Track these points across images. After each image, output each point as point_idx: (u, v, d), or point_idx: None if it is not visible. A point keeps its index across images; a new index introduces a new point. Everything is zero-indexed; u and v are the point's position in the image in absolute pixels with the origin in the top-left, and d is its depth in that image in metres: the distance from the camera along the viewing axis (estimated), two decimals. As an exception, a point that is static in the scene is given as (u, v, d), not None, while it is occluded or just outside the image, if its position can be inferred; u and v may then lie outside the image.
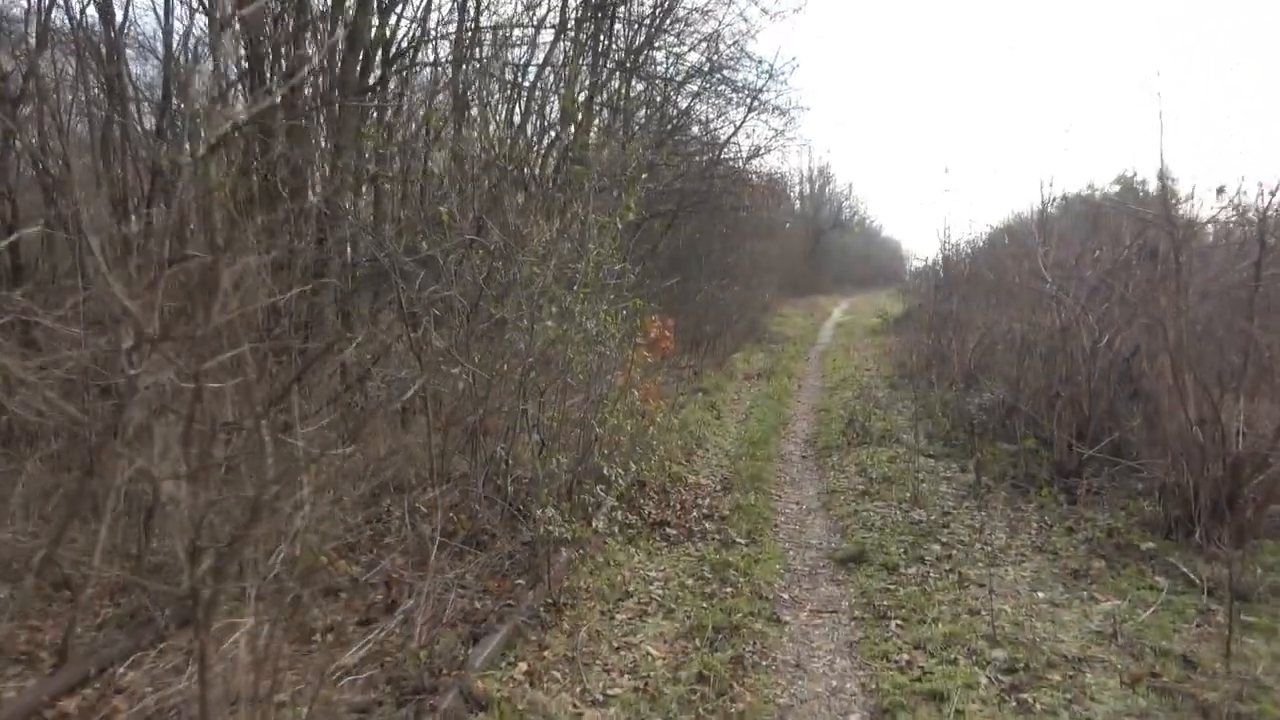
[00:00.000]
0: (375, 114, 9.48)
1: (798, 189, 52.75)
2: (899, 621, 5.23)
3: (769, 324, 26.85)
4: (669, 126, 21.99)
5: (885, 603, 5.51)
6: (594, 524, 6.42)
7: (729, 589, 5.81)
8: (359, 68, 8.77)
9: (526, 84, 13.64)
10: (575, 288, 6.85)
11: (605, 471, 6.93)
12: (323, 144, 8.42)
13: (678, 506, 7.84)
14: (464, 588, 5.65)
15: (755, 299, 27.48)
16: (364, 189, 9.17)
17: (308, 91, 8.54)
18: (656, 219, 22.92)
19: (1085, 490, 7.63)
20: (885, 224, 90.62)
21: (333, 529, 5.70)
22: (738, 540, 6.88)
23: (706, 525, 7.32)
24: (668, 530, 7.14)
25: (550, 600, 5.27)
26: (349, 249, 7.67)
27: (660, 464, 8.68)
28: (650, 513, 7.48)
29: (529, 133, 15.73)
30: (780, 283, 34.60)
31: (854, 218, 63.97)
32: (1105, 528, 6.72)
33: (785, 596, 5.84)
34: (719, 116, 22.18)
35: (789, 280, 39.46)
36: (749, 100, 21.63)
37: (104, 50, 7.51)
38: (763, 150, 22.61)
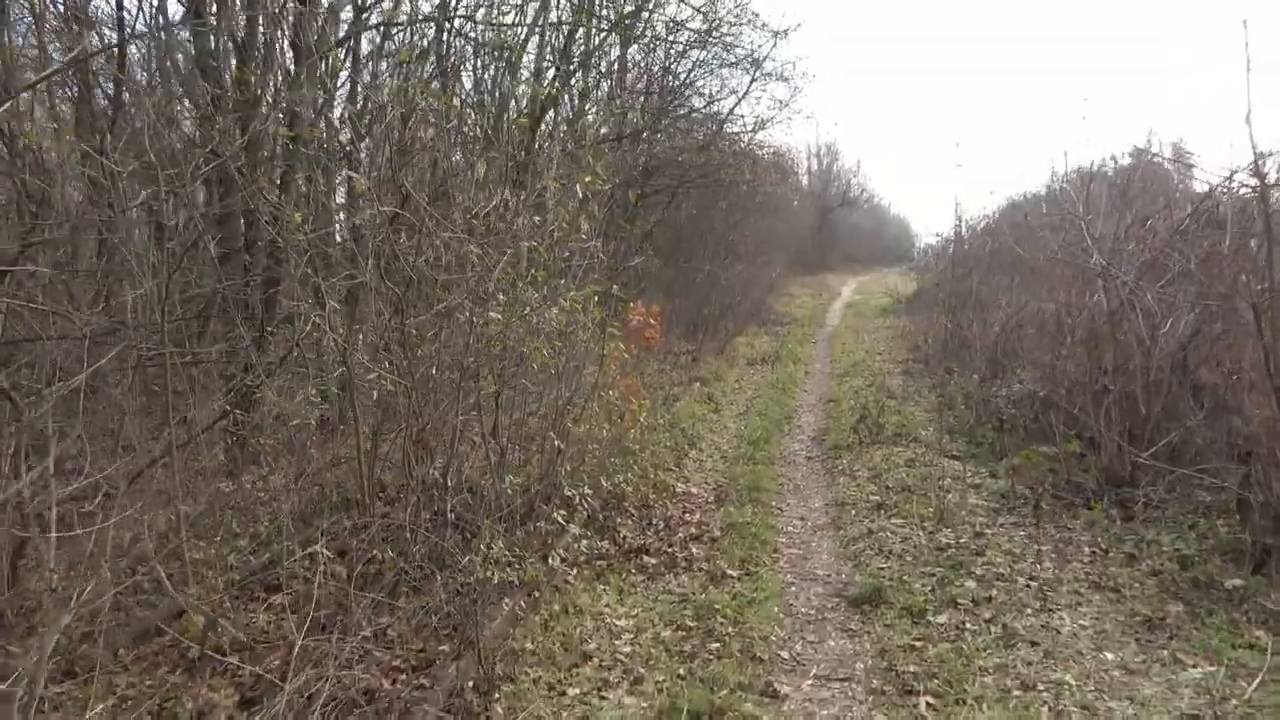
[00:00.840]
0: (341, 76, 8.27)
1: (805, 165, 51.24)
2: (930, 699, 4.00)
3: (775, 304, 25.56)
4: (669, 97, 20.71)
5: (911, 668, 4.28)
6: (551, 560, 5.22)
7: (715, 645, 4.60)
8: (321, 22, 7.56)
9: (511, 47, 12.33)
10: (532, 269, 5.64)
11: (568, 492, 5.72)
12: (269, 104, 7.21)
13: (660, 525, 6.63)
14: (388, 647, 4.49)
15: (761, 278, 26.17)
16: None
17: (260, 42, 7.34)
18: (655, 195, 21.71)
19: (1142, 504, 6.40)
20: (894, 201, 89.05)
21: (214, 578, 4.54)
22: (729, 572, 5.66)
23: (694, 550, 6.11)
24: (646, 559, 5.94)
25: (482, 674, 4.08)
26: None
27: (644, 472, 7.49)
28: (626, 537, 6.27)
29: (513, 100, 14.48)
30: (788, 261, 33.28)
31: (862, 195, 62.34)
32: (1174, 555, 5.47)
33: (784, 655, 4.62)
34: (721, 87, 20.86)
35: (797, 258, 38.12)
36: (752, 68, 20.34)
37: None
38: (767, 121, 21.30)
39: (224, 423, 5.15)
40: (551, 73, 12.26)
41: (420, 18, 9.93)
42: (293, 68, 7.67)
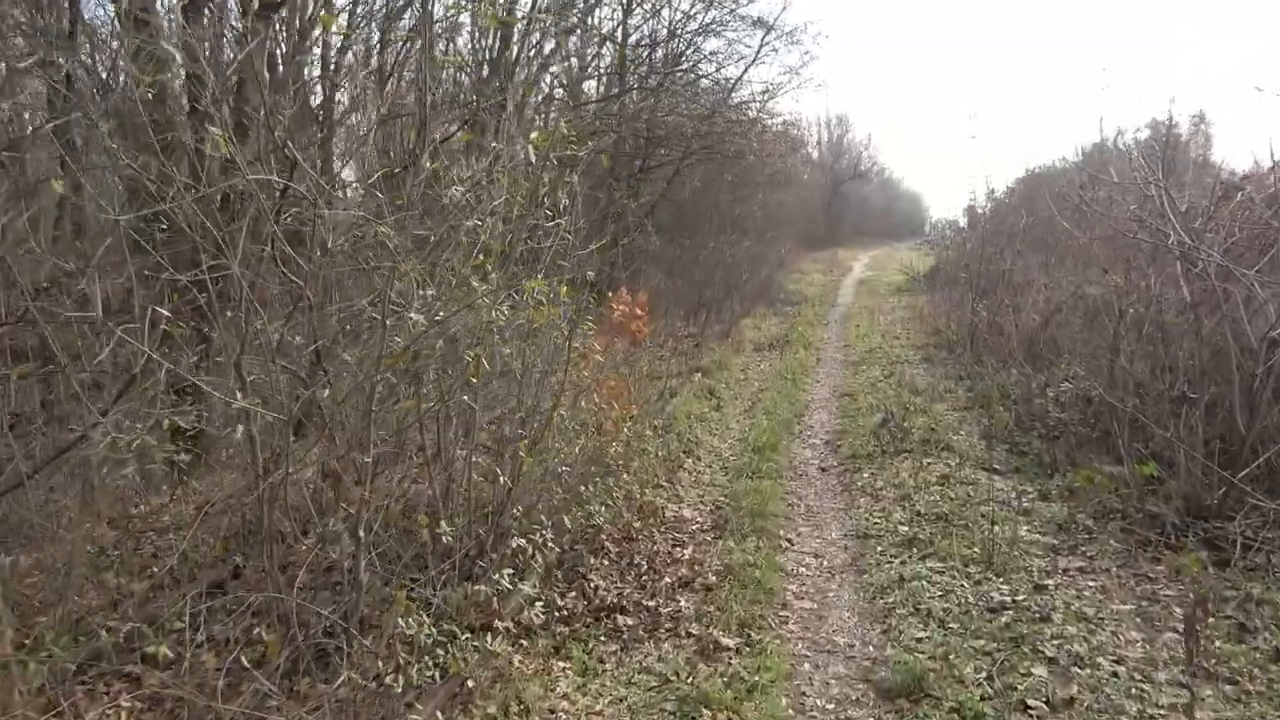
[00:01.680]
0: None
1: (815, 137, 49.61)
2: None
3: (784, 282, 24.17)
4: (673, 60, 19.30)
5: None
6: (492, 639, 3.96)
7: (702, 768, 3.36)
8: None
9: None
10: (479, 256, 4.37)
11: (518, 541, 4.44)
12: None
13: (643, 567, 5.35)
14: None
15: (770, 255, 24.77)
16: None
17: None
18: (658, 168, 20.34)
19: (1239, 544, 5.09)
20: (905, 175, 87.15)
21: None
22: (725, 642, 4.39)
23: (681, 603, 4.84)
24: (621, 620, 4.68)
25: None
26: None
27: (627, 494, 6.22)
28: (598, 587, 5.00)
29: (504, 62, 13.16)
30: (797, 236, 31.86)
31: (873, 168, 60.53)
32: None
33: (796, 788, 3.37)
34: (728, 48, 19.42)
35: (807, 233, 36.67)
36: (762, 31, 18.90)
37: None
38: (777, 89, 19.89)
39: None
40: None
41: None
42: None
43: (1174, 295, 6.30)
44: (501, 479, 4.37)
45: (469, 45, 13.17)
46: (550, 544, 4.75)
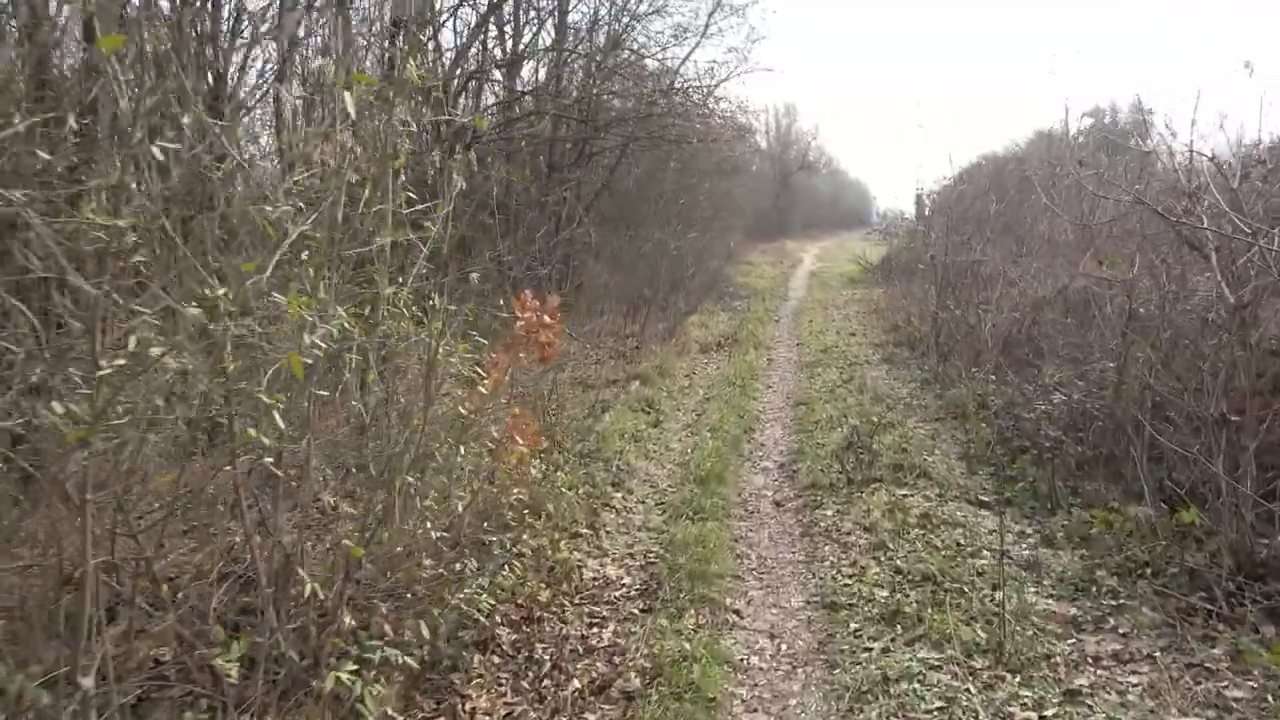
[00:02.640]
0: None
1: (764, 126, 48.50)
2: None
3: (733, 275, 22.93)
4: (617, 43, 17.91)
5: None
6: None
7: None
8: None
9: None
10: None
11: (342, 676, 3.03)
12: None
13: (546, 665, 3.99)
14: None
15: (718, 247, 23.52)
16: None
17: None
18: (599, 155, 18.98)
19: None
20: (851, 165, 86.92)
21: None
22: (646, 802, 3.04)
23: (592, 726, 3.50)
24: (501, 764, 3.31)
25: None
26: None
27: (536, 553, 4.85)
28: (476, 710, 3.62)
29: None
30: (747, 227, 30.71)
31: (822, 158, 59.72)
32: None
33: None
34: (673, 29, 18.10)
35: (756, 225, 35.53)
36: (709, 4, 17.63)
37: None
38: (723, 67, 18.62)
39: None
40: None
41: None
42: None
43: (1204, 291, 5.09)
44: (308, 582, 2.94)
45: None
46: (410, 649, 3.37)
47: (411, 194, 3.74)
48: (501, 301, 5.68)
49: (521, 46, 17.11)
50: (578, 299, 17.48)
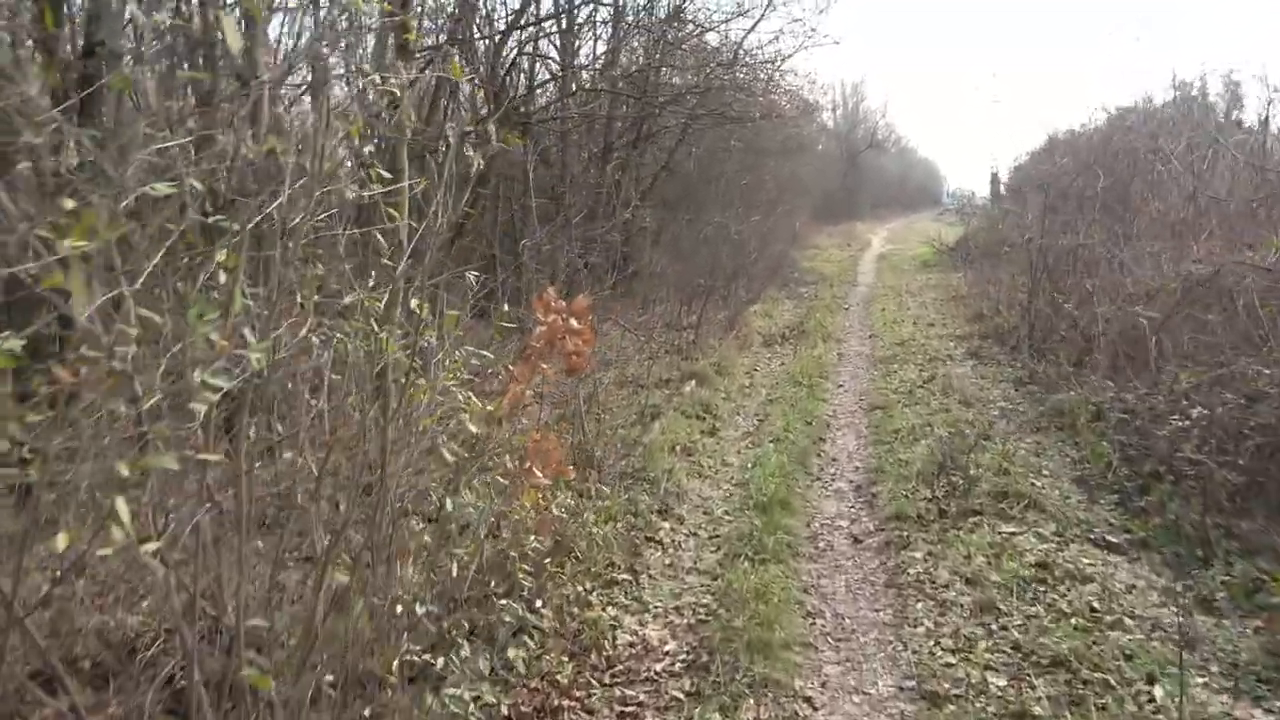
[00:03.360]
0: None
1: (830, 104, 46.74)
2: None
3: (799, 260, 21.67)
4: (677, 16, 16.80)
5: None
6: None
7: None
8: None
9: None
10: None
11: None
12: None
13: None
14: None
15: (782, 230, 22.27)
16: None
17: None
18: (660, 134, 17.96)
19: None
20: (920, 144, 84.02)
21: None
22: None
23: None
24: None
25: None
26: None
27: (557, 613, 3.92)
28: None
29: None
30: (813, 209, 29.35)
31: (890, 137, 57.50)
32: None
33: None
34: (738, 6, 16.89)
35: (822, 206, 34.05)
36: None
37: None
38: (787, 41, 17.37)
39: None
40: None
41: None
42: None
43: None
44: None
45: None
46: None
47: (384, 173, 2.80)
48: (528, 301, 4.75)
49: (578, 20, 16.14)
50: (632, 288, 16.51)
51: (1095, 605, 4.02)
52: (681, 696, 3.55)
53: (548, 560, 4.12)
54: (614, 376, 8.66)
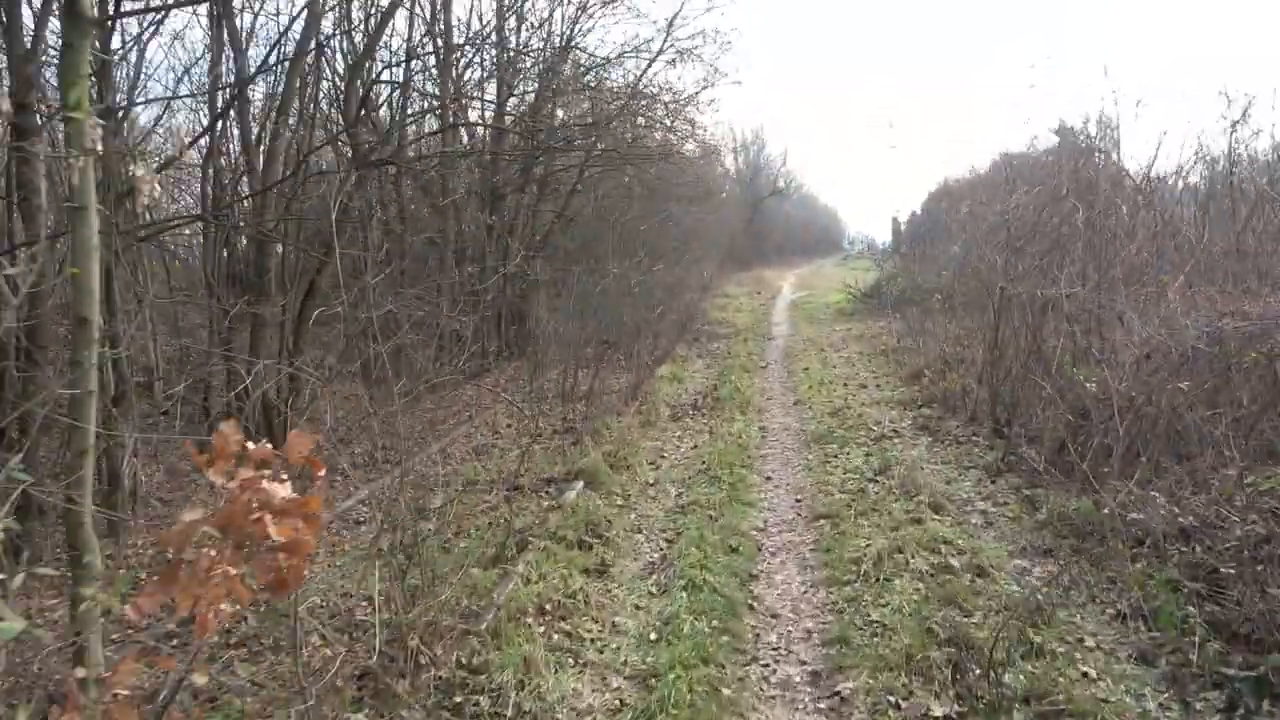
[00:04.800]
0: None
1: (732, 151, 45.73)
2: None
3: (709, 310, 19.78)
4: (565, 54, 14.81)
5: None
6: None
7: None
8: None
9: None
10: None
11: None
12: None
13: None
14: None
15: (691, 279, 20.41)
16: None
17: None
18: (558, 173, 15.82)
19: None
20: (821, 191, 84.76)
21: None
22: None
23: None
24: None
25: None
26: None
27: None
28: None
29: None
30: (720, 257, 27.77)
31: (791, 184, 57.05)
32: None
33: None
34: (632, 46, 14.99)
35: (729, 253, 32.56)
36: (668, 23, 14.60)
37: None
38: (687, 77, 15.58)
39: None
40: None
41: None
42: None
43: None
44: None
45: None
46: None
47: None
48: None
49: (454, 40, 13.97)
50: (523, 350, 14.21)
51: None
52: None
53: None
54: (481, 470, 6.38)
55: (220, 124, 9.50)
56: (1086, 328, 6.14)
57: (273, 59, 10.05)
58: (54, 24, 7.75)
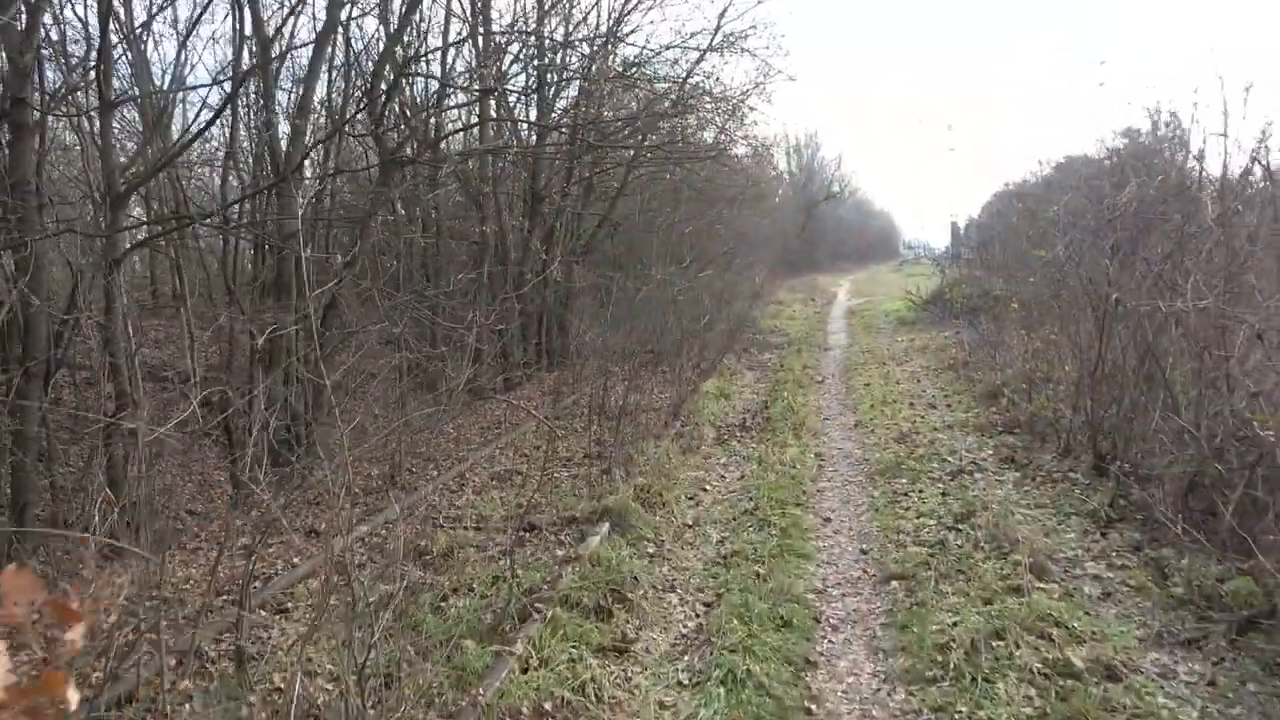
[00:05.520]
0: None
1: (786, 153, 44.43)
2: None
3: (760, 318, 18.65)
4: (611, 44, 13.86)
5: None
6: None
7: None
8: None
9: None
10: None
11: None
12: None
13: None
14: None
15: (742, 285, 19.30)
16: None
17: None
18: (604, 172, 14.86)
19: None
20: (876, 195, 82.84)
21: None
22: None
23: None
24: None
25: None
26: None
27: None
28: None
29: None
30: (772, 262, 26.60)
31: (846, 188, 55.42)
32: None
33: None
34: (680, 39, 13.96)
35: (781, 258, 31.34)
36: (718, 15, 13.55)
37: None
38: (748, 91, 14.52)
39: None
40: None
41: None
42: None
43: None
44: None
45: None
46: None
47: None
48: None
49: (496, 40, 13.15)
50: (556, 362, 13.30)
51: None
52: None
53: None
54: (499, 503, 5.44)
55: (236, 114, 8.78)
56: (1216, 346, 4.94)
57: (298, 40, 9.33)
58: (48, 16, 7.15)
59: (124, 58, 7.87)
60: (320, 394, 9.45)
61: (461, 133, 12.58)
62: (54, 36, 7.58)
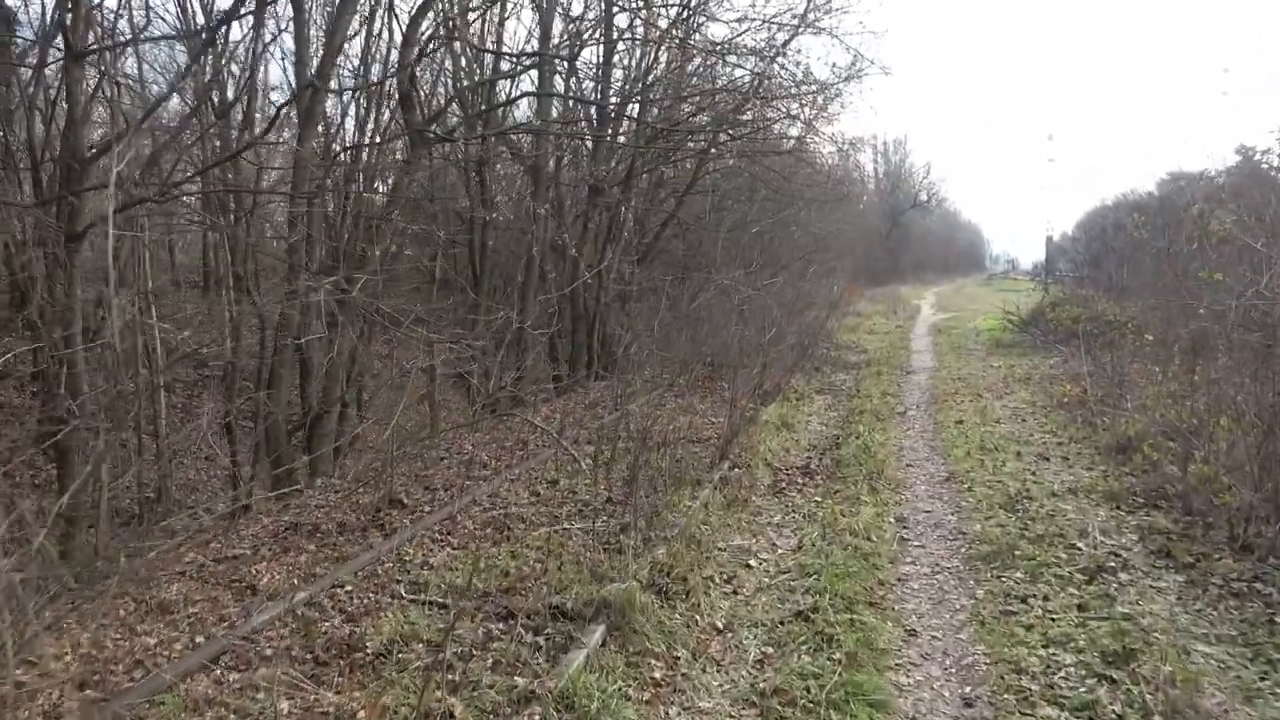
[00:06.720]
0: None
1: (873, 156, 42.02)
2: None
3: (836, 330, 16.76)
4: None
5: None
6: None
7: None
8: None
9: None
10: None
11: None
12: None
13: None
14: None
15: (819, 293, 17.44)
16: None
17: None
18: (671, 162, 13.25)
19: None
20: (964, 207, 78.92)
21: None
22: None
23: None
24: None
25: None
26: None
27: None
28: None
29: None
30: (853, 270, 24.58)
31: (933, 198, 52.34)
32: None
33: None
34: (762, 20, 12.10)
35: (863, 267, 29.18)
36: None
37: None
38: (827, 87, 12.67)
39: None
40: None
41: None
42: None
43: None
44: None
45: None
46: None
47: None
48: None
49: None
50: (607, 369, 11.76)
51: None
52: None
53: None
54: (479, 570, 3.88)
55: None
56: None
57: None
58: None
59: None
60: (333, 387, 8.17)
61: (509, 107, 11.16)
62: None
